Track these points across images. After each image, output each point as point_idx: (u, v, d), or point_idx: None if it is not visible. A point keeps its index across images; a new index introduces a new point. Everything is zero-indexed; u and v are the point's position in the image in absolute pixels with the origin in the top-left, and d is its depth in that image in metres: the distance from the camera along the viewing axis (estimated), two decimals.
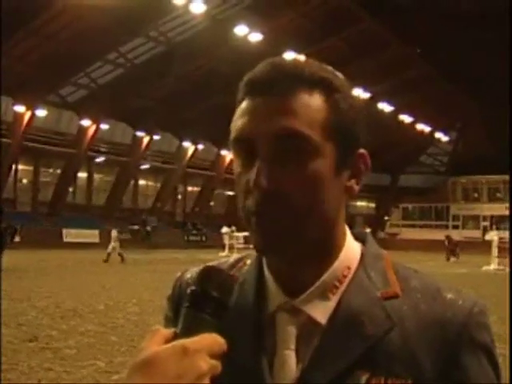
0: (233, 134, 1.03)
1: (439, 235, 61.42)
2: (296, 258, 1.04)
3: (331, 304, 1.03)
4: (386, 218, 68.69)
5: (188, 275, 1.21)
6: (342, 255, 1.06)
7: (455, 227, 64.59)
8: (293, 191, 0.98)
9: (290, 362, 1.03)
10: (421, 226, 65.27)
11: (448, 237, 40.80)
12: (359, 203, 67.65)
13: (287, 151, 0.98)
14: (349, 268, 1.06)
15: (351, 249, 1.08)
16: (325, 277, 1.04)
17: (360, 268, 1.06)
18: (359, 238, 1.12)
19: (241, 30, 39.76)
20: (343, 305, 1.03)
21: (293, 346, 1.03)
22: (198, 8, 37.36)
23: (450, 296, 1.05)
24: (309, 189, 0.98)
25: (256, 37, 39.67)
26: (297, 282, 1.05)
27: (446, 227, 64.93)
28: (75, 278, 19.40)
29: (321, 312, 1.03)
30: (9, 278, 17.39)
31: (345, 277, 1.05)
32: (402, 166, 68.47)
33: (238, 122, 1.02)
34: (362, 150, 1.05)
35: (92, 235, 45.27)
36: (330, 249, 1.05)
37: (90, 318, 11.90)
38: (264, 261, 1.11)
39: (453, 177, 66.84)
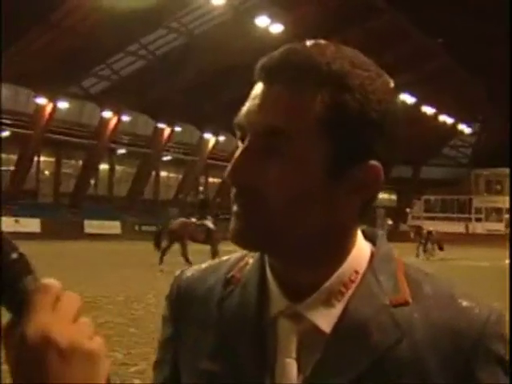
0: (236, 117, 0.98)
1: (462, 228, 61.23)
2: (287, 258, 0.97)
3: (336, 311, 0.96)
4: (408, 210, 68.35)
5: (188, 274, 1.15)
6: (350, 259, 0.98)
7: (478, 220, 64.20)
8: (267, 189, 0.92)
9: (291, 371, 0.96)
10: (443, 219, 64.84)
11: (417, 227, 35.90)
12: (380, 195, 67.04)
13: (270, 148, 0.92)
14: (357, 272, 0.98)
15: (360, 251, 1.00)
16: (330, 282, 0.96)
17: (368, 271, 0.98)
18: (369, 237, 1.04)
19: (262, 21, 39.63)
20: (349, 312, 0.95)
21: (294, 355, 0.96)
22: None
23: (465, 303, 0.97)
24: (285, 190, 0.91)
25: (277, 28, 39.52)
26: (299, 285, 0.98)
27: (469, 220, 64.56)
28: (95, 269, 19.45)
29: (325, 319, 0.96)
30: None
31: (352, 282, 0.97)
32: (424, 158, 68.07)
33: (244, 105, 0.98)
34: (373, 162, 0.93)
35: (113, 226, 45.45)
36: (334, 252, 0.97)
37: (108, 309, 11.91)
38: (267, 260, 1.03)
39: (475, 169, 66.36)
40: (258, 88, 0.96)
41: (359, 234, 1.01)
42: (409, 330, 0.93)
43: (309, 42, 0.97)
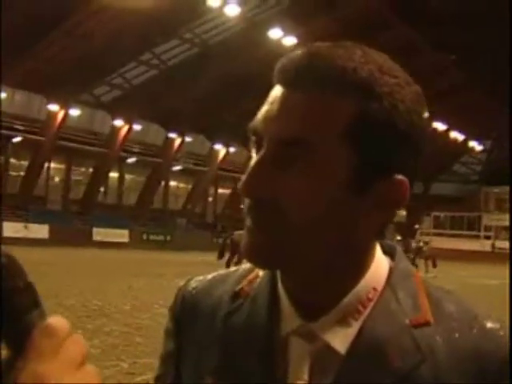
0: (252, 121, 0.90)
1: (470, 245, 60.92)
2: (303, 276, 0.91)
3: (352, 331, 0.89)
4: (417, 226, 68.13)
5: (193, 285, 1.09)
6: (368, 275, 0.91)
7: (487, 238, 63.90)
8: (284, 203, 0.85)
9: None
10: (451, 236, 64.58)
11: (406, 242, 35.05)
12: None
13: (289, 159, 0.85)
14: (375, 290, 0.91)
15: (378, 267, 0.93)
16: (347, 300, 0.90)
17: (387, 288, 0.92)
18: (387, 251, 0.97)
19: (275, 33, 39.76)
20: (366, 332, 0.89)
21: (306, 377, 0.90)
22: (233, 11, 37.45)
23: (489, 325, 0.90)
24: (304, 204, 0.84)
25: (290, 40, 39.61)
26: (314, 303, 0.91)
27: (478, 237, 64.27)
28: (103, 277, 19.44)
29: (340, 339, 0.89)
30: (37, 275, 17.46)
31: (370, 300, 0.91)
32: (434, 174, 67.91)
33: (262, 109, 0.90)
34: (399, 177, 0.86)
35: (121, 235, 45.53)
36: (352, 270, 0.91)
37: (115, 317, 11.90)
38: (278, 274, 0.97)
39: (486, 186, 66.13)
40: (277, 92, 0.88)
41: (378, 250, 0.95)
42: (430, 353, 0.87)
43: (334, 44, 0.90)
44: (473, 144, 66.61)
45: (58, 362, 0.66)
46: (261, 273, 1.01)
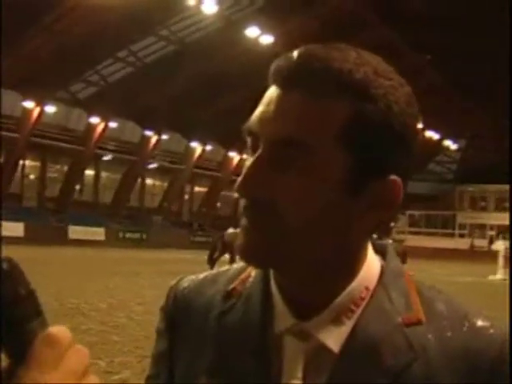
0: (247, 122, 0.91)
1: (445, 243, 61.42)
2: (297, 276, 0.92)
3: (345, 329, 0.90)
4: (392, 224, 68.48)
5: (185, 284, 1.08)
6: (361, 275, 0.93)
7: (461, 236, 64.46)
8: (281, 203, 0.86)
9: None
10: (427, 234, 65.06)
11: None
12: None
13: (285, 160, 0.86)
14: (367, 289, 0.92)
15: (371, 266, 0.94)
16: (340, 299, 0.91)
17: (379, 287, 0.93)
18: (379, 250, 0.99)
19: (252, 31, 39.73)
20: (359, 331, 0.90)
21: (300, 376, 0.91)
22: (210, 8, 37.37)
23: (479, 323, 0.92)
24: (301, 204, 0.85)
25: (267, 39, 39.63)
26: (307, 302, 0.92)
27: (452, 235, 64.79)
28: (79, 275, 19.34)
29: (334, 338, 0.90)
30: None
31: (362, 299, 0.92)
32: None
33: (257, 109, 0.91)
34: (393, 177, 0.88)
35: (97, 233, 45.26)
36: (345, 270, 0.92)
37: (92, 316, 11.85)
38: (271, 274, 0.98)
39: (460, 185, 66.67)
40: (273, 93, 0.89)
41: (370, 250, 0.96)
42: (422, 351, 0.88)
43: (328, 45, 0.90)
44: (448, 143, 67.09)
45: (60, 372, 0.64)
46: (253, 272, 1.02)
